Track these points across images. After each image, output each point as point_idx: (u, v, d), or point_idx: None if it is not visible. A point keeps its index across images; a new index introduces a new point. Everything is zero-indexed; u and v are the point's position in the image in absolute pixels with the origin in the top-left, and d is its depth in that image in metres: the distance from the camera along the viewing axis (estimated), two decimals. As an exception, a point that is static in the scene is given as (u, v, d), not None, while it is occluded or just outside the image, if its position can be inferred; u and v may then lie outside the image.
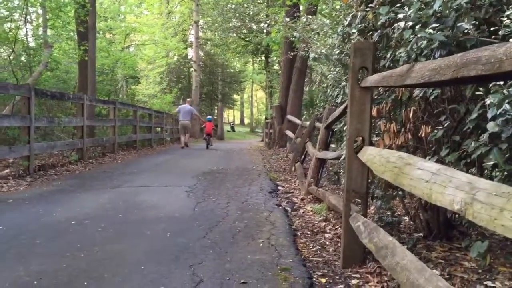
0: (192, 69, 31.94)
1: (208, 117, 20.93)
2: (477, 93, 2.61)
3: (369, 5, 4.03)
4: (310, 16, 9.85)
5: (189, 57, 35.07)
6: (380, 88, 3.88)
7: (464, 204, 1.57)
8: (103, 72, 18.43)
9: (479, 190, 1.51)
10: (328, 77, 7.64)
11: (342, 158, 4.67)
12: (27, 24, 16.97)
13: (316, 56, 6.56)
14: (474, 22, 2.74)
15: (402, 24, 3.10)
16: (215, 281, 3.04)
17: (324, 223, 4.87)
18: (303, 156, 9.75)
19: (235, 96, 47.90)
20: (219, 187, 7.21)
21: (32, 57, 14.02)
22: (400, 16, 3.17)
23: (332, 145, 7.44)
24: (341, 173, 6.87)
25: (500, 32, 2.45)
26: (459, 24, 2.73)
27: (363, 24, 4.28)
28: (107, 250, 3.70)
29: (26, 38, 15.61)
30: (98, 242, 3.92)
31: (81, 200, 5.83)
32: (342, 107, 4.91)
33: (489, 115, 2.35)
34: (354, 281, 3.13)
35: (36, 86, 10.99)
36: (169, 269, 3.25)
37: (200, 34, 32.60)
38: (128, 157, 12.21)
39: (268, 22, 17.66)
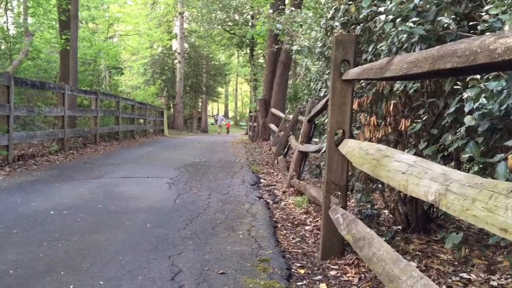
0: (176, 60, 31.73)
1: (228, 120, 42.53)
2: (455, 87, 2.64)
3: (352, -2, 4.04)
4: (293, 9, 9.83)
5: (173, 48, 34.80)
6: (362, 81, 3.90)
7: (438, 195, 1.59)
8: (85, 62, 18.19)
9: (453, 181, 1.54)
10: (311, 70, 7.66)
11: (323, 150, 4.69)
12: (8, 11, 16.66)
13: (299, 48, 6.56)
14: (454, 17, 2.76)
15: (383, 17, 3.11)
16: (194, 271, 3.04)
17: (304, 216, 4.90)
18: (286, 149, 9.77)
19: (220, 89, 47.67)
20: (201, 179, 7.19)
21: (12, 45, 13.76)
22: (382, 9, 3.19)
23: (315, 139, 7.47)
24: (322, 166, 6.90)
25: (479, 27, 2.47)
26: (439, 19, 2.75)
27: (345, 17, 4.29)
28: (85, 240, 3.66)
29: (7, 26, 15.32)
30: (77, 232, 3.88)
31: (60, 190, 5.76)
32: (324, 100, 4.93)
33: (466, 109, 2.38)
34: (332, 272, 3.15)
35: (16, 74, 10.81)
36: (147, 260, 3.24)
37: (185, 25, 32.36)
38: (110, 148, 12.10)
39: (251, 13, 17.61)
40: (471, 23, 2.72)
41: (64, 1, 12.78)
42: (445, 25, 2.73)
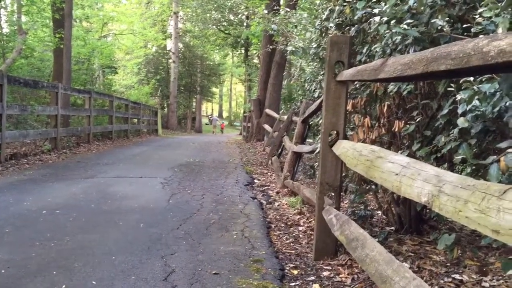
0: (170, 60, 31.66)
1: (223, 121, 43.55)
2: (449, 89, 2.65)
3: (347, 0, 4.05)
4: (288, 10, 9.84)
5: (167, 48, 34.71)
6: (356, 82, 3.90)
7: (431, 196, 1.60)
8: (79, 61, 18.12)
9: (446, 183, 1.54)
10: (306, 71, 7.66)
11: (317, 151, 4.70)
12: (1, 9, 16.57)
13: (294, 49, 6.57)
14: (448, 19, 2.77)
15: (377, 19, 3.12)
16: (187, 271, 3.04)
17: (298, 216, 4.90)
18: (280, 150, 9.78)
19: (214, 89, 47.64)
20: (195, 179, 7.18)
21: (5, 43, 13.68)
22: (376, 11, 3.19)
23: (309, 140, 7.48)
24: (316, 167, 6.91)
25: (472, 30, 2.48)
26: (433, 21, 2.76)
27: (340, 19, 4.30)
28: (78, 240, 3.65)
29: (0, 24, 15.24)
30: (69, 232, 3.87)
31: (53, 189, 5.73)
32: (319, 101, 4.93)
33: (460, 111, 2.38)
34: (325, 273, 3.16)
35: (9, 73, 10.75)
36: (140, 260, 3.23)
37: (180, 25, 32.31)
38: (103, 148, 12.05)
39: (246, 13, 17.60)
40: (464, 26, 2.74)
41: (58, 0, 12.72)
42: (439, 27, 2.74)
